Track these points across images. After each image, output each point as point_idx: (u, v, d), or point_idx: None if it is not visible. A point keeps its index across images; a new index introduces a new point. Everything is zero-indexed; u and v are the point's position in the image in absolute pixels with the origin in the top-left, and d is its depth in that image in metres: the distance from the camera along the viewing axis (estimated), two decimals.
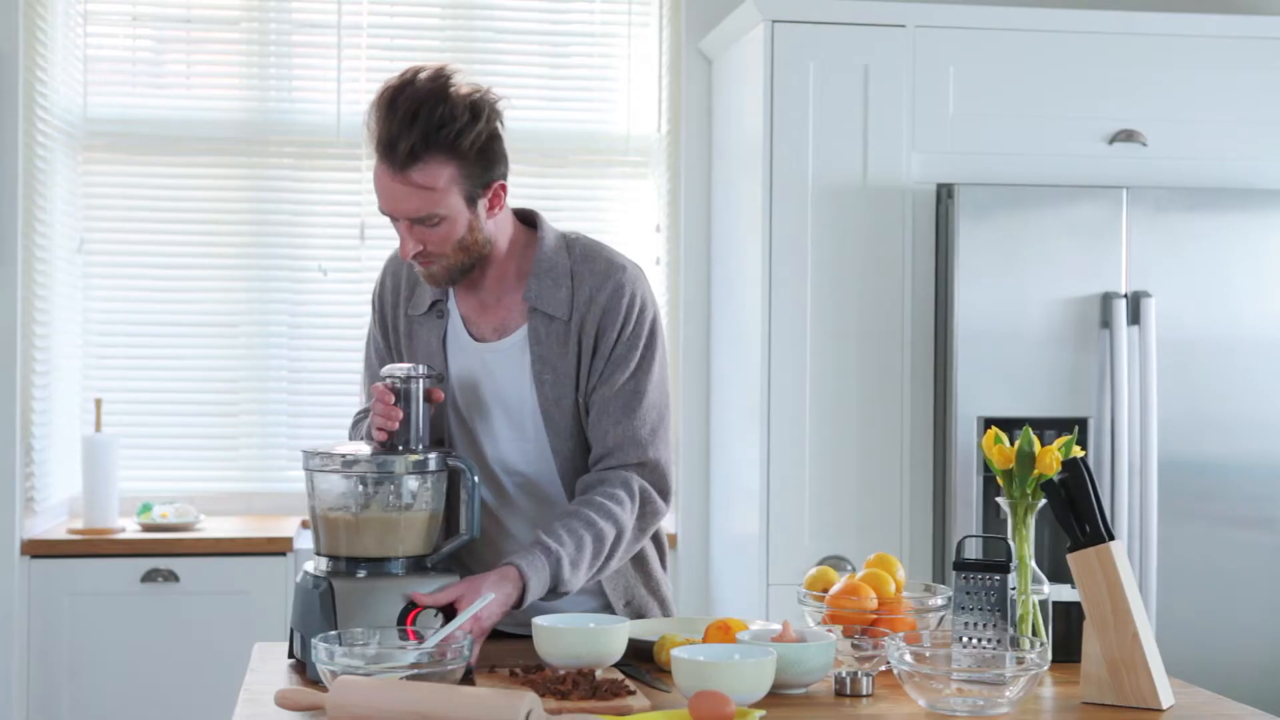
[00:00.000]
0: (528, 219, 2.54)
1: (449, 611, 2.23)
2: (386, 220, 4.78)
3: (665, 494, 2.50)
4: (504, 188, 2.41)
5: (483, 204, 2.39)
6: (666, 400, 2.52)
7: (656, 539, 2.67)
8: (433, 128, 2.28)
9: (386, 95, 2.31)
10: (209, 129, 4.58)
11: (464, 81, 2.35)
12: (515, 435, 2.50)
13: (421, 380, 2.39)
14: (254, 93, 4.62)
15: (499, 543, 2.55)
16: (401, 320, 2.56)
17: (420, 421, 2.39)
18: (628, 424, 2.44)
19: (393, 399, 2.36)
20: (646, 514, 2.47)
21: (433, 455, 2.36)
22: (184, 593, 4.13)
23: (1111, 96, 4.15)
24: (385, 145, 2.30)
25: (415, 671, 2.01)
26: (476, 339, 2.50)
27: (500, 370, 2.48)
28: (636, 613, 2.61)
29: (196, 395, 4.59)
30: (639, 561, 2.61)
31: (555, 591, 2.36)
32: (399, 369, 2.40)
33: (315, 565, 2.34)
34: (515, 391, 2.47)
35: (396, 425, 2.35)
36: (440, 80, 2.32)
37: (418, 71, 2.33)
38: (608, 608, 2.57)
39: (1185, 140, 4.17)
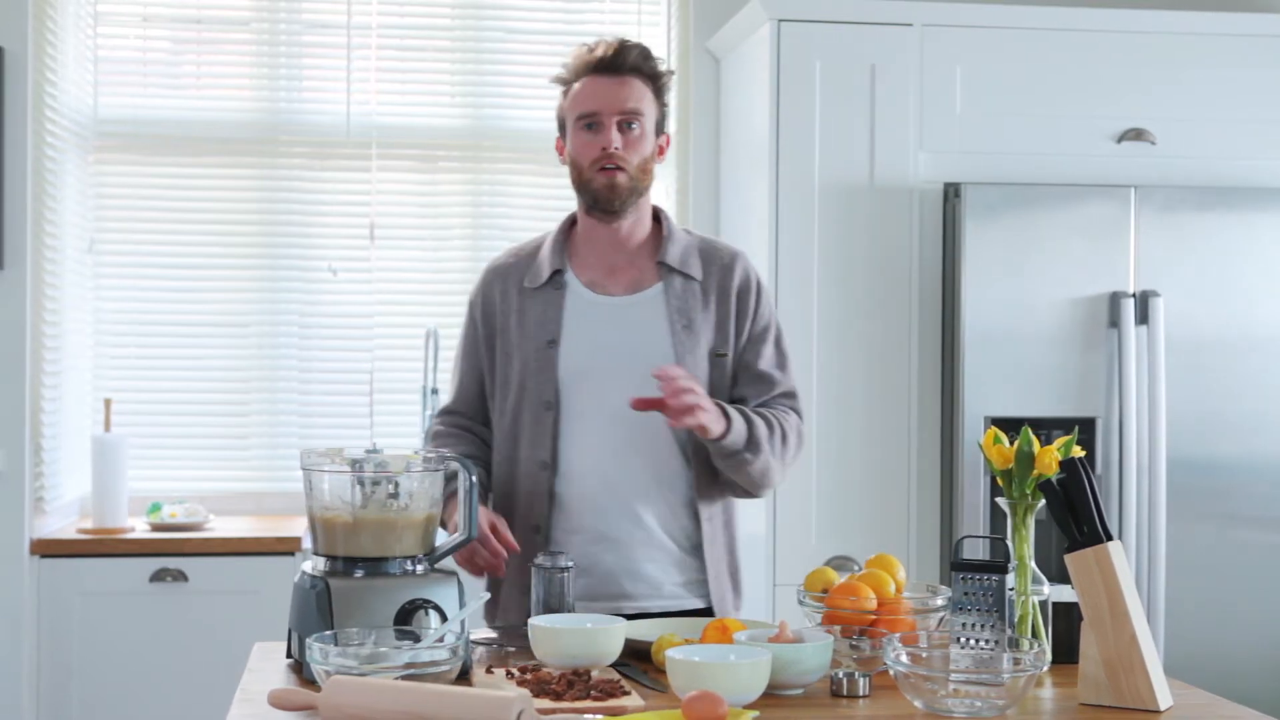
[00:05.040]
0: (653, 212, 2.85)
1: (443, 610, 2.23)
2: (396, 221, 4.82)
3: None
4: (669, 140, 2.80)
5: (658, 142, 2.75)
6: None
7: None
8: (648, 57, 2.73)
9: (603, 39, 2.74)
10: (219, 129, 4.59)
11: None
12: (640, 383, 2.61)
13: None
14: (264, 93, 4.63)
15: (601, 499, 2.67)
16: (514, 301, 2.76)
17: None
18: (783, 379, 2.78)
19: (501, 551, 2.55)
20: (801, 435, 2.80)
21: (430, 455, 2.37)
22: (193, 592, 4.14)
23: (1120, 95, 4.13)
24: (609, 59, 2.70)
25: (409, 671, 2.01)
26: (606, 297, 2.73)
27: (635, 321, 2.71)
28: (719, 591, 2.75)
29: (206, 395, 4.60)
30: (732, 539, 2.82)
31: (753, 434, 2.63)
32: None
33: (313, 565, 2.35)
34: (650, 340, 2.69)
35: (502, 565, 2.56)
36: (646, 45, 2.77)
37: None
38: (701, 572, 2.73)
39: (1194, 139, 4.16)
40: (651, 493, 2.67)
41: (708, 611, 2.72)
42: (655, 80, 2.73)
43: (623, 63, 2.69)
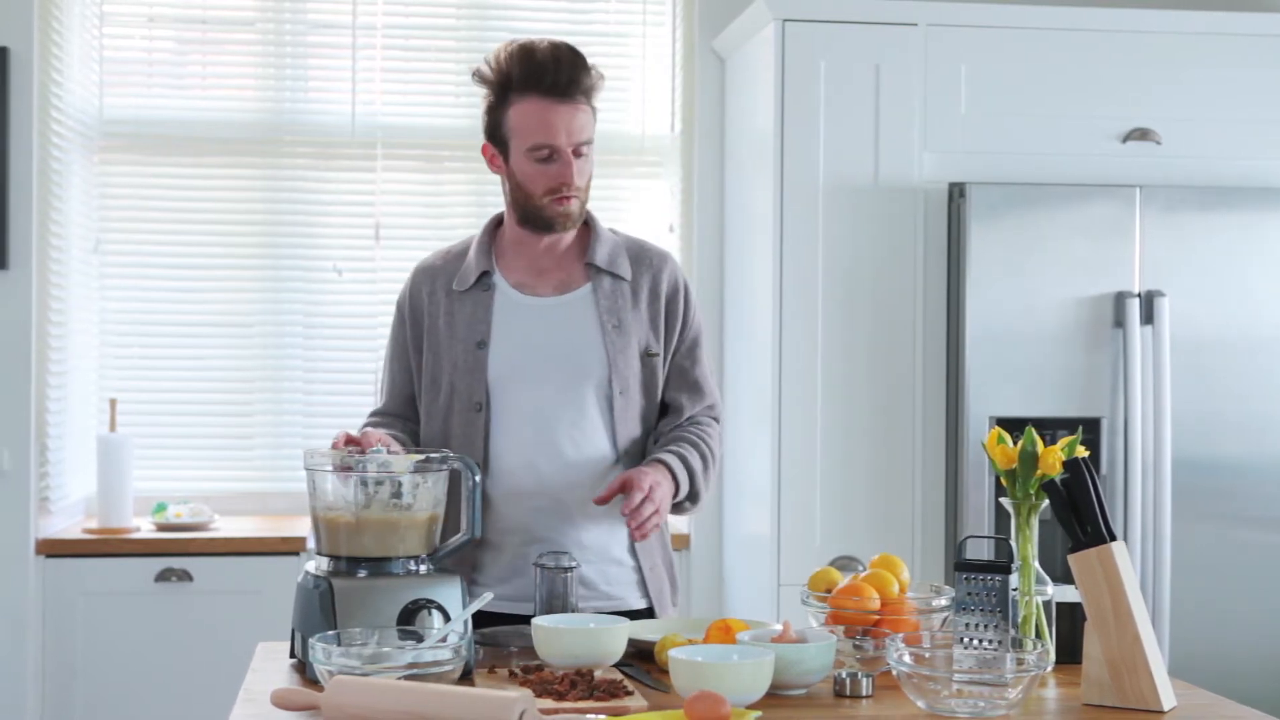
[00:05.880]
0: None
1: (446, 610, 2.23)
2: (401, 221, 4.81)
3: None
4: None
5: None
6: None
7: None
8: (588, 71, 2.63)
9: (542, 47, 2.61)
10: (224, 130, 4.59)
11: None
12: (571, 383, 2.65)
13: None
14: (269, 93, 4.63)
15: (533, 499, 2.65)
16: (442, 303, 2.73)
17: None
18: (712, 389, 2.81)
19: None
20: (721, 440, 2.82)
21: (434, 455, 2.37)
22: (198, 592, 4.14)
23: (1125, 95, 4.13)
24: (562, 84, 2.59)
25: (412, 671, 2.01)
26: (535, 298, 2.72)
27: (565, 321, 2.70)
28: (656, 587, 2.72)
29: (211, 395, 4.61)
30: (663, 534, 2.78)
31: (694, 485, 2.67)
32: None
33: (316, 565, 2.35)
34: (581, 339, 2.68)
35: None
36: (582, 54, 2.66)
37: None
38: (637, 571, 2.71)
39: (1199, 139, 4.15)
40: (583, 493, 2.64)
41: (649, 612, 2.71)
42: (593, 95, 2.65)
43: (576, 88, 2.60)
